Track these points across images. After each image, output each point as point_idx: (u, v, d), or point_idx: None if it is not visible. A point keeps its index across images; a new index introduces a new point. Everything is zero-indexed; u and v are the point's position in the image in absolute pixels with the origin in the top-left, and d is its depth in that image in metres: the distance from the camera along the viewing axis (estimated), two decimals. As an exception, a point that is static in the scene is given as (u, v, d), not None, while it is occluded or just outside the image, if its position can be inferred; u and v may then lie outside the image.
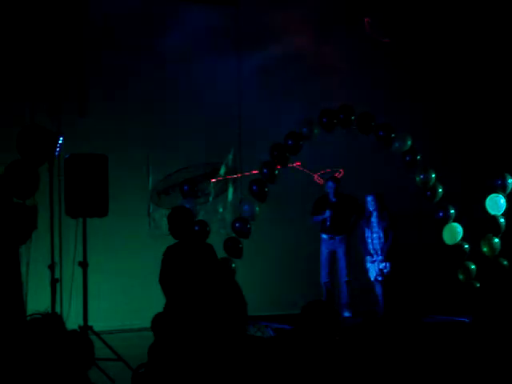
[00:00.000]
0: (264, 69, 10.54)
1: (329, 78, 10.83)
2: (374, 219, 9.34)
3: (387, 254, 9.27)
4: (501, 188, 10.15)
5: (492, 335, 3.85)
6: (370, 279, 9.41)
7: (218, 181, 10.38)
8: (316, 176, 9.51)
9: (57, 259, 8.47)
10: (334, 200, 9.52)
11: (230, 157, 10.48)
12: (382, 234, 9.30)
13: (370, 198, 9.32)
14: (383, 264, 9.30)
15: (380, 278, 9.31)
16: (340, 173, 9.74)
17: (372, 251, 9.36)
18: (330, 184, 9.53)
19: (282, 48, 10.64)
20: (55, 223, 8.32)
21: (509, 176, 10.16)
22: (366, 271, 9.43)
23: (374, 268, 9.35)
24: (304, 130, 9.75)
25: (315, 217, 9.62)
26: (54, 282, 7.93)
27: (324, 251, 9.62)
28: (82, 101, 9.67)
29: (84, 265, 7.89)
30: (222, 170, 10.36)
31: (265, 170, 9.63)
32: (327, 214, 9.42)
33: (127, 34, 9.96)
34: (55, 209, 8.38)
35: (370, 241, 9.37)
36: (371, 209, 9.32)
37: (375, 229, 9.34)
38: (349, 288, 9.56)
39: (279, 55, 10.62)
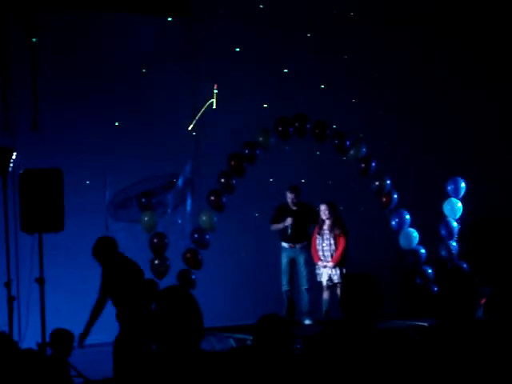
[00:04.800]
0: (220, 78, 10.54)
1: (285, 85, 10.88)
2: (325, 227, 9.42)
3: (338, 261, 9.37)
4: (454, 192, 10.30)
5: (453, 338, 3.88)
6: (321, 284, 9.51)
7: (176, 192, 10.35)
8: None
9: (13, 276, 8.37)
10: (294, 208, 9.56)
11: (188, 168, 10.45)
12: (333, 241, 9.38)
13: (323, 207, 9.42)
14: (333, 270, 9.39)
15: (330, 284, 9.42)
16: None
17: (322, 257, 9.44)
18: (289, 193, 9.57)
19: (239, 57, 10.66)
20: (11, 239, 8.24)
21: (461, 180, 10.31)
22: (316, 276, 9.53)
23: (326, 273, 9.43)
24: (260, 138, 9.80)
25: (274, 225, 9.66)
26: (11, 299, 7.86)
27: (284, 259, 9.68)
28: (35, 115, 9.58)
29: (41, 281, 7.82)
30: (180, 181, 10.34)
31: (222, 180, 9.64)
32: (289, 221, 9.45)
33: (79, 47, 9.90)
34: (10, 225, 8.30)
35: (320, 247, 9.46)
36: (324, 217, 9.42)
37: (326, 236, 9.42)
38: (309, 295, 9.62)
39: (235, 64, 10.64)
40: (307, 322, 9.56)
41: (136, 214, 9.67)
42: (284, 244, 9.68)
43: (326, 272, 9.46)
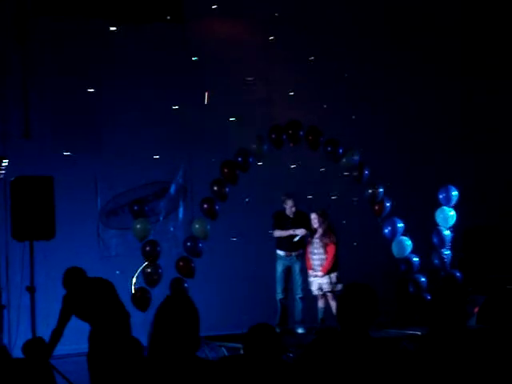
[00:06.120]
0: (214, 82, 10.53)
1: (277, 93, 10.88)
2: (316, 235, 9.40)
3: (327, 270, 9.35)
4: (445, 201, 10.28)
5: (445, 347, 3.86)
6: (312, 293, 9.53)
7: (168, 199, 10.31)
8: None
9: (3, 284, 8.33)
10: (291, 216, 9.55)
11: (180, 174, 10.42)
12: (323, 250, 9.35)
13: (313, 216, 9.39)
14: (323, 279, 9.36)
15: (320, 293, 9.41)
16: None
17: (313, 266, 9.43)
18: (290, 201, 9.54)
19: (230, 62, 10.65)
20: (1, 247, 8.21)
21: (453, 188, 10.30)
22: (308, 285, 9.52)
23: (316, 283, 9.40)
24: (253, 146, 9.78)
25: (278, 231, 9.58)
26: (1, 307, 7.82)
27: (279, 268, 9.66)
28: (27, 123, 9.54)
29: (31, 289, 7.77)
30: (172, 188, 10.30)
31: (215, 188, 9.60)
32: (303, 232, 9.37)
33: (71, 55, 9.87)
34: (1, 232, 8.26)
35: (311, 256, 9.45)
36: (315, 226, 9.39)
37: (317, 245, 9.39)
38: (303, 304, 9.59)
39: (227, 70, 10.63)
40: (300, 330, 9.53)
41: (128, 222, 9.62)
42: (279, 252, 9.65)
43: (316, 281, 9.43)
